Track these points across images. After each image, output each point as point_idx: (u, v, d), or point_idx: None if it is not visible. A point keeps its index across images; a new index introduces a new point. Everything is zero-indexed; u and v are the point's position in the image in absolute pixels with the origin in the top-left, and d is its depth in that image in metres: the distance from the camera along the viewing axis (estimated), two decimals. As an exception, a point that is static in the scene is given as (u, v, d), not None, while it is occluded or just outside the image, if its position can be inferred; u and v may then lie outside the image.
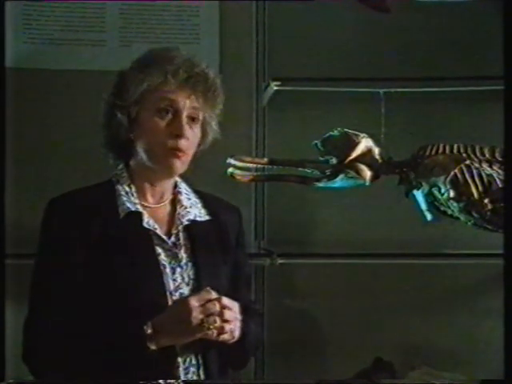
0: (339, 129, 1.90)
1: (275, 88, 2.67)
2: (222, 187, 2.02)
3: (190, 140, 1.86)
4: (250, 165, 1.92)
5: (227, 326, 1.75)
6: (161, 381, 1.73)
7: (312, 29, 2.85)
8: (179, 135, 1.84)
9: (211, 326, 1.73)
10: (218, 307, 1.75)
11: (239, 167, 1.89)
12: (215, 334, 1.75)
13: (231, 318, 1.77)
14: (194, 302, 1.74)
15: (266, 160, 1.94)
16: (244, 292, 2.01)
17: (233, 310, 1.78)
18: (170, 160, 1.85)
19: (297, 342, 2.78)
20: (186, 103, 1.85)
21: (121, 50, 2.74)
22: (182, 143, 1.84)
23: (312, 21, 2.85)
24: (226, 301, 1.77)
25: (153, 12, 2.80)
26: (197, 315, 1.73)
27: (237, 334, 1.80)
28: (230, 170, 1.89)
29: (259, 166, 1.96)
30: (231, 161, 1.88)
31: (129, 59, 1.93)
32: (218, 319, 1.74)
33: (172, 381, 1.75)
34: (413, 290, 2.81)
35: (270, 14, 2.84)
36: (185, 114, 1.85)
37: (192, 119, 1.87)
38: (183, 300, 1.79)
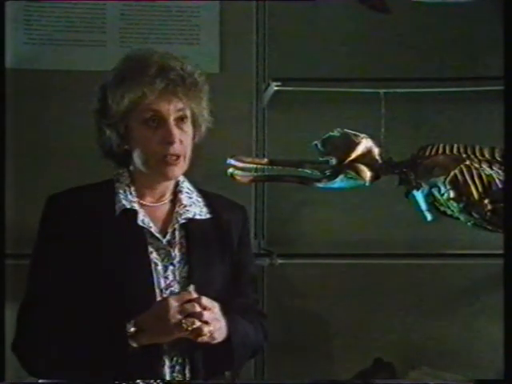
0: (339, 129, 1.90)
1: (275, 88, 2.67)
2: (222, 187, 2.02)
3: (183, 142, 1.86)
4: (250, 165, 1.92)
5: (206, 328, 1.74)
6: (139, 381, 1.73)
7: (312, 29, 2.85)
8: (170, 142, 1.84)
9: (189, 328, 1.73)
10: (197, 308, 1.74)
11: (239, 168, 1.89)
12: (193, 336, 1.74)
13: (210, 320, 1.76)
14: (173, 302, 1.75)
15: (265, 160, 1.94)
16: (247, 292, 2.00)
17: (212, 311, 1.78)
18: (166, 167, 1.85)
19: (296, 342, 2.78)
20: (170, 109, 1.84)
21: (121, 51, 2.68)
22: (175, 148, 1.84)
23: (312, 21, 2.85)
24: (205, 301, 1.76)
25: (153, 13, 2.80)
26: (175, 315, 1.73)
27: (217, 335, 1.79)
28: (230, 170, 1.89)
29: (259, 166, 1.96)
30: (231, 161, 1.88)
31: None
32: (196, 321, 1.74)
33: (151, 381, 1.75)
34: (413, 290, 2.82)
35: (270, 14, 2.84)
36: (172, 119, 1.85)
37: (181, 119, 1.87)
38: (163, 299, 1.80)
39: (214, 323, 1.77)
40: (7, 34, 2.22)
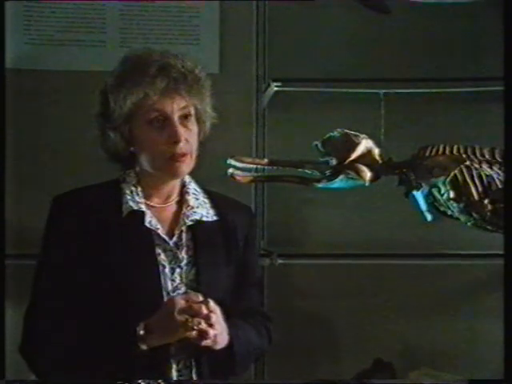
0: (339, 129, 1.90)
1: (275, 89, 2.67)
2: (222, 188, 2.02)
3: (189, 140, 1.86)
4: (250, 165, 1.92)
5: (211, 331, 1.74)
6: (140, 380, 1.73)
7: (312, 29, 2.85)
8: (176, 141, 1.83)
9: (195, 327, 1.72)
10: (204, 310, 1.74)
11: (239, 168, 1.89)
12: (198, 337, 1.73)
13: (215, 323, 1.76)
14: (180, 300, 1.75)
15: (266, 161, 1.94)
16: (251, 294, 2.00)
17: (217, 315, 1.77)
18: (174, 166, 1.85)
19: (296, 342, 2.78)
20: (174, 107, 1.84)
21: (121, 51, 2.68)
22: (181, 147, 1.84)
23: (312, 21, 2.85)
24: (212, 304, 1.76)
25: (153, 13, 2.79)
26: (182, 313, 1.73)
27: (220, 339, 1.78)
28: (231, 170, 1.89)
29: (259, 166, 1.96)
30: (231, 161, 1.88)
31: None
32: (203, 322, 1.73)
33: (150, 380, 1.75)
34: (413, 291, 2.81)
35: (270, 14, 2.84)
36: (176, 117, 1.84)
37: (185, 117, 1.87)
38: (170, 298, 1.80)
39: (218, 327, 1.77)
40: (7, 34, 2.22)
